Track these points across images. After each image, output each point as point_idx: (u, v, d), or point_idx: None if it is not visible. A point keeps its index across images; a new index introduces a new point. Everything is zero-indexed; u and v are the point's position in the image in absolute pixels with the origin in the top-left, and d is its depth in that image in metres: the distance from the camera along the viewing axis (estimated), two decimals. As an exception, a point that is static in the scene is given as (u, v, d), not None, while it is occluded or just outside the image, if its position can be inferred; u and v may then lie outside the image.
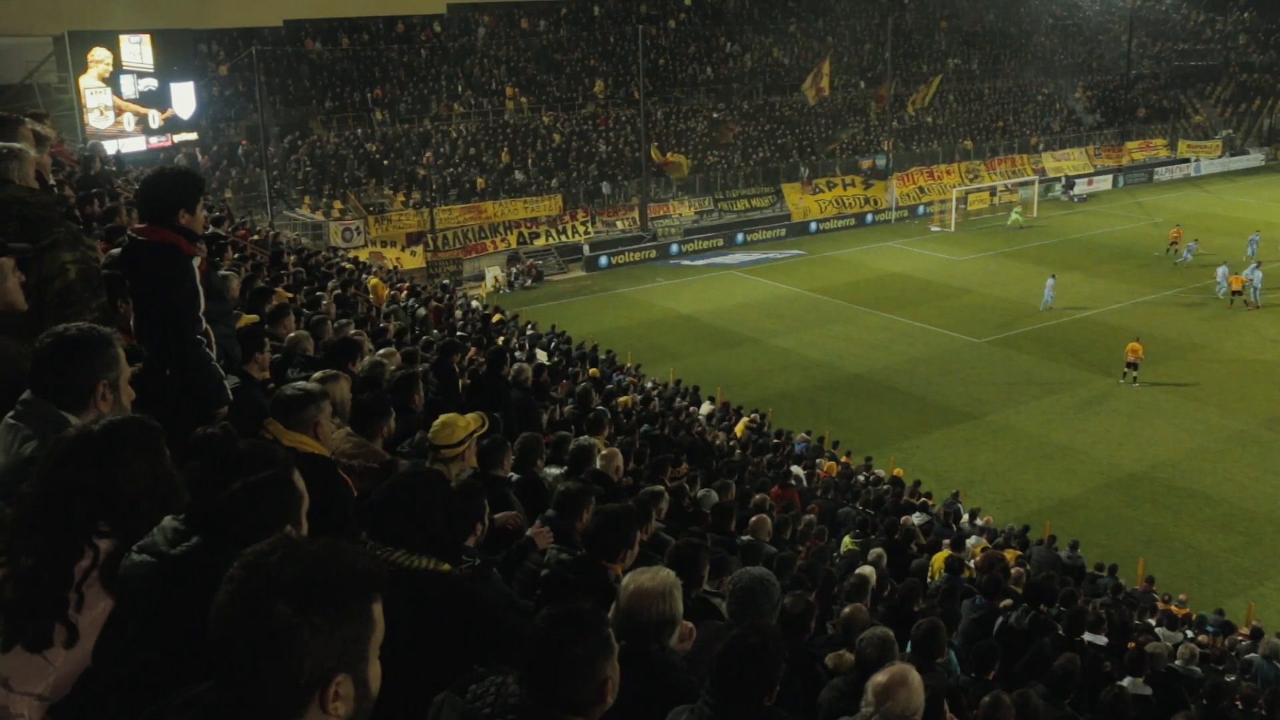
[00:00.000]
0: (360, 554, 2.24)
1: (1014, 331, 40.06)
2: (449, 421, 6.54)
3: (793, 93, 69.87)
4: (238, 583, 2.10)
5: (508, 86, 61.73)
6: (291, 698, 2.07)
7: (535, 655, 3.33)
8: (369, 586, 2.18)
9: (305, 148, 53.69)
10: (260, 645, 2.04)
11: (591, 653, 3.32)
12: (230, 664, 2.09)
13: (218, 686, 2.14)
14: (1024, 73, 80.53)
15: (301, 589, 2.07)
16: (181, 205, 5.75)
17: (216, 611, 2.10)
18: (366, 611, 2.17)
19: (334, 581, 2.12)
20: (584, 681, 3.31)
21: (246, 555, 2.15)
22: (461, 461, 6.59)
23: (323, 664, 2.08)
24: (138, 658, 2.94)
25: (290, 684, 2.06)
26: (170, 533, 3.16)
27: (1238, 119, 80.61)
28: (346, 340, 8.50)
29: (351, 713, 2.15)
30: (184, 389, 5.77)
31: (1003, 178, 68.00)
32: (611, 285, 49.99)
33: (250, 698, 2.08)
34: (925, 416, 32.55)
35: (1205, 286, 44.70)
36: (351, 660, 2.13)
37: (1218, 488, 27.42)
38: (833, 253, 55.05)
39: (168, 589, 2.98)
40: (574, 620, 3.38)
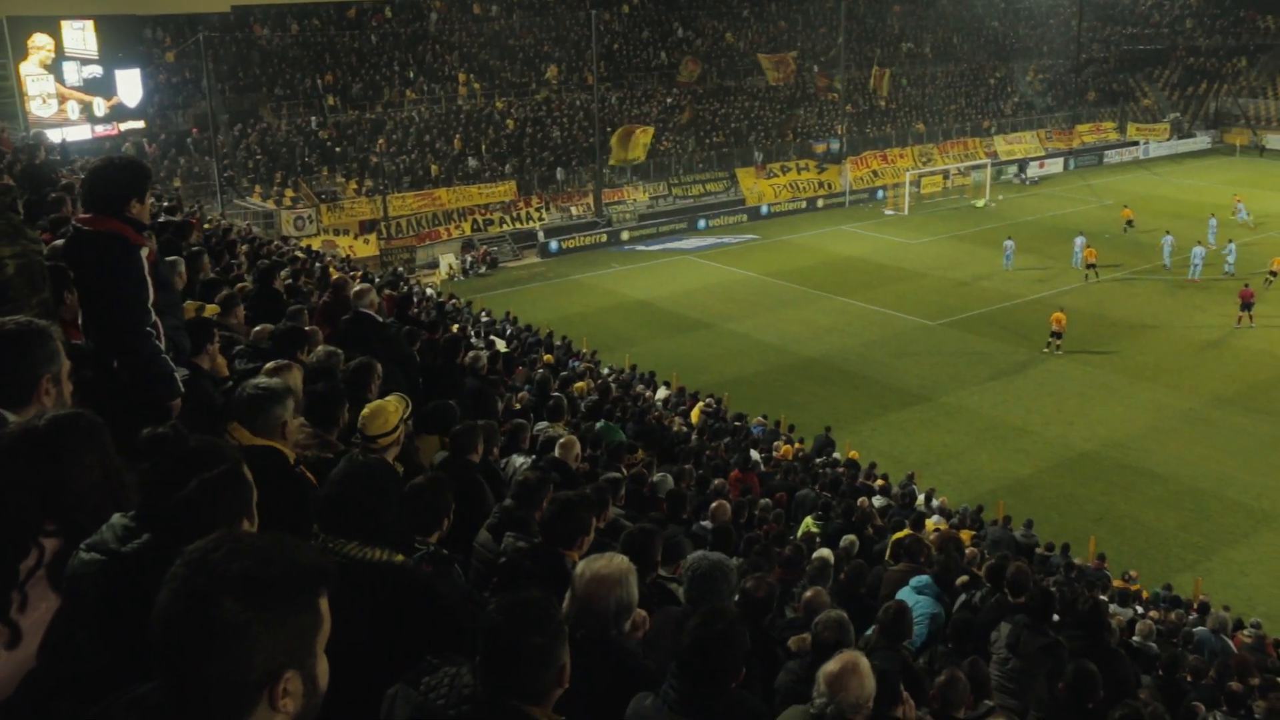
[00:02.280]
0: (307, 548, 2.20)
1: (967, 314, 40.37)
2: (378, 410, 6.43)
3: (746, 77, 69.95)
4: (182, 580, 2.04)
5: (460, 72, 61.31)
6: (240, 696, 2.03)
7: (490, 646, 3.32)
8: (317, 581, 2.14)
9: (255, 135, 53.12)
10: (208, 643, 1.99)
11: (547, 641, 3.33)
12: (176, 663, 2.03)
13: (163, 686, 2.08)
14: (976, 56, 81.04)
15: (249, 585, 2.02)
16: (132, 195, 5.66)
17: (160, 610, 2.04)
18: (315, 606, 2.13)
19: (282, 577, 2.07)
20: (541, 670, 3.32)
21: (190, 552, 2.09)
22: (397, 447, 6.52)
23: (272, 661, 2.03)
24: (86, 658, 2.89)
25: (239, 682, 2.02)
26: (120, 530, 3.10)
27: (1185, 102, 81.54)
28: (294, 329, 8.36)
29: (300, 709, 2.10)
30: (134, 382, 5.69)
31: (955, 161, 68.44)
32: (567, 271, 49.89)
33: (198, 697, 2.03)
34: (880, 399, 32.76)
35: (1155, 266, 45.24)
36: (300, 656, 2.09)
37: (1166, 466, 27.82)
38: (787, 237, 55.21)
39: (118, 587, 2.92)
40: (528, 610, 3.37)
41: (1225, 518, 25.22)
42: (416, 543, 4.99)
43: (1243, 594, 21.66)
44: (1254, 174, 67.59)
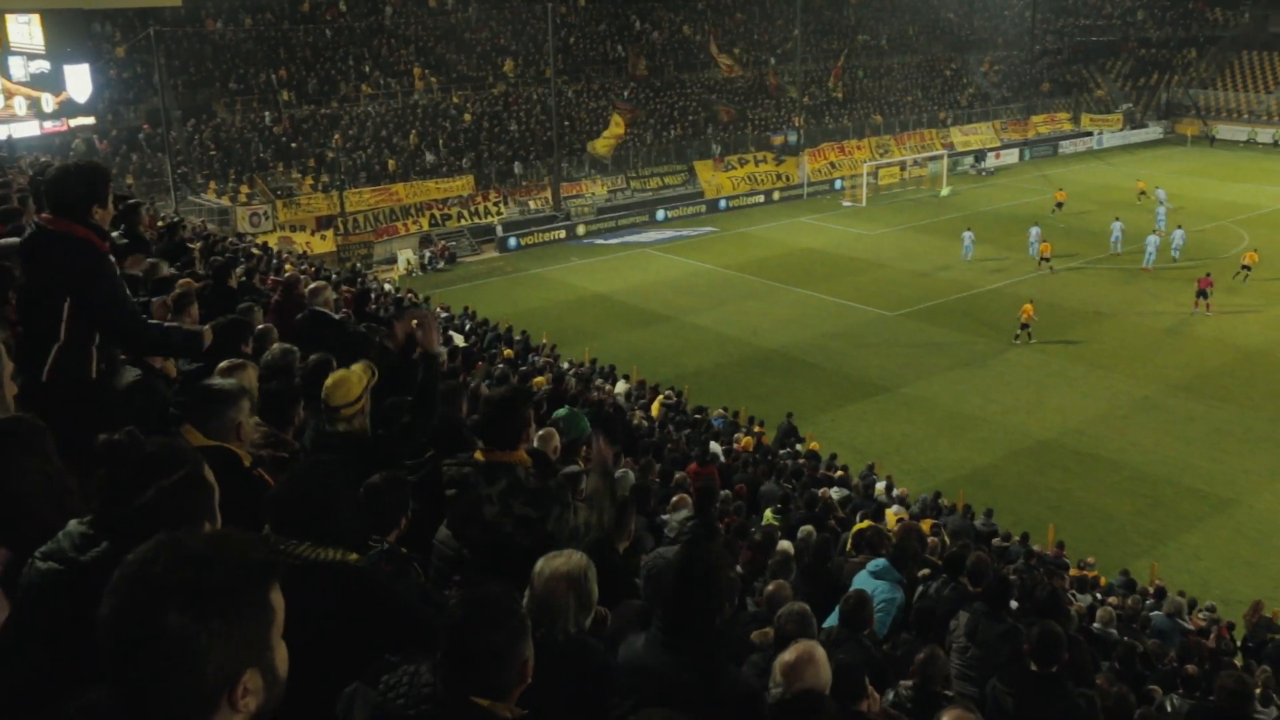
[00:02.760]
0: (250, 542, 2.13)
1: (926, 304, 40.61)
2: (342, 379, 6.29)
3: (703, 70, 69.99)
4: (121, 595, 1.96)
5: (416, 67, 60.93)
6: (198, 705, 1.97)
7: (453, 643, 3.30)
8: (264, 576, 2.07)
9: (209, 131, 52.57)
10: (157, 659, 1.93)
11: (510, 637, 3.32)
12: (126, 677, 1.97)
13: (115, 697, 2.01)
14: (931, 48, 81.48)
15: (193, 594, 1.94)
16: (94, 201, 5.56)
17: (104, 626, 1.97)
18: (265, 602, 2.06)
19: (227, 580, 1.99)
20: (505, 666, 3.31)
21: (127, 564, 2.00)
22: (362, 417, 6.43)
23: (226, 666, 1.97)
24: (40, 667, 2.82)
25: (193, 692, 1.96)
26: (77, 538, 3.03)
27: (1137, 93, 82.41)
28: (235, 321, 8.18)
29: (262, 703, 2.05)
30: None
31: (912, 152, 68.78)
32: (526, 266, 49.73)
33: (154, 709, 1.96)
34: (840, 390, 32.89)
35: (1111, 255, 45.69)
36: (256, 654, 2.03)
37: (1123, 453, 28.13)
38: (746, 229, 55.30)
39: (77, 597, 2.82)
40: (490, 605, 3.36)
41: (1180, 504, 25.53)
42: (372, 541, 4.93)
43: (1197, 578, 21.94)
44: (1205, 164, 68.47)
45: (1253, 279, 41.35)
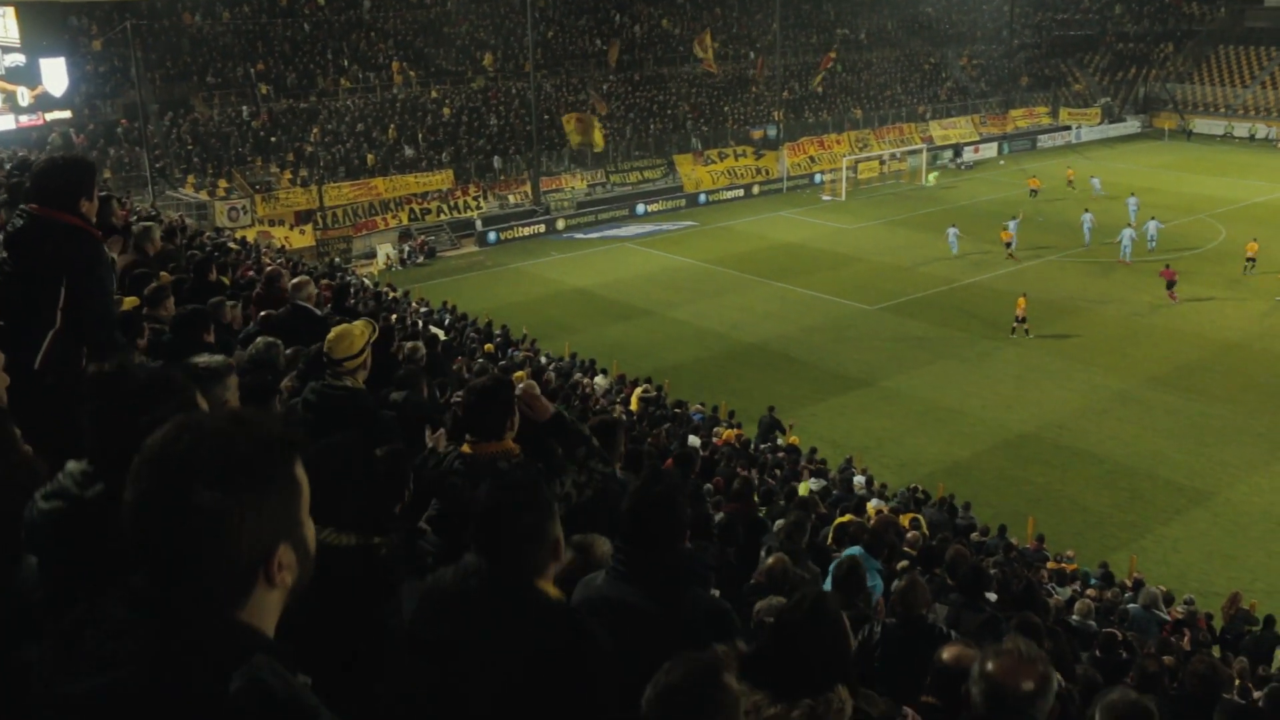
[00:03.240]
0: (270, 419, 2.18)
1: (905, 298, 40.70)
2: (344, 333, 6.35)
3: (683, 64, 69.93)
4: (148, 477, 1.94)
5: (395, 61, 60.67)
6: (235, 581, 1.97)
7: (487, 528, 3.41)
8: (288, 449, 2.05)
9: (187, 125, 52.25)
10: (190, 537, 1.91)
11: (539, 516, 3.46)
12: (161, 561, 1.95)
13: (152, 582, 1.98)
14: (910, 42, 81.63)
15: (221, 469, 1.93)
16: (82, 193, 5.55)
17: (132, 510, 1.95)
18: (291, 476, 2.05)
19: (253, 454, 1.97)
20: (538, 546, 3.44)
21: (149, 447, 1.98)
22: (364, 371, 6.47)
23: (260, 540, 1.97)
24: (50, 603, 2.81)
25: (230, 569, 1.95)
26: (79, 475, 3.01)
27: (1115, 87, 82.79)
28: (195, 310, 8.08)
29: (297, 578, 2.06)
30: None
31: (892, 146, 68.93)
32: (505, 260, 49.63)
33: (190, 590, 1.95)
34: (820, 384, 32.94)
35: (1092, 250, 45.87)
36: (288, 528, 2.03)
37: (1102, 446, 28.25)
38: (725, 223, 55.32)
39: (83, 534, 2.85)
40: (517, 488, 3.51)
41: (1158, 496, 25.66)
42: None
43: (1175, 570, 22.06)
44: (1182, 158, 68.84)
45: (1230, 272, 41.62)
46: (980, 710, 3.64)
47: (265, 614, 2.04)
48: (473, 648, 3.33)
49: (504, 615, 3.34)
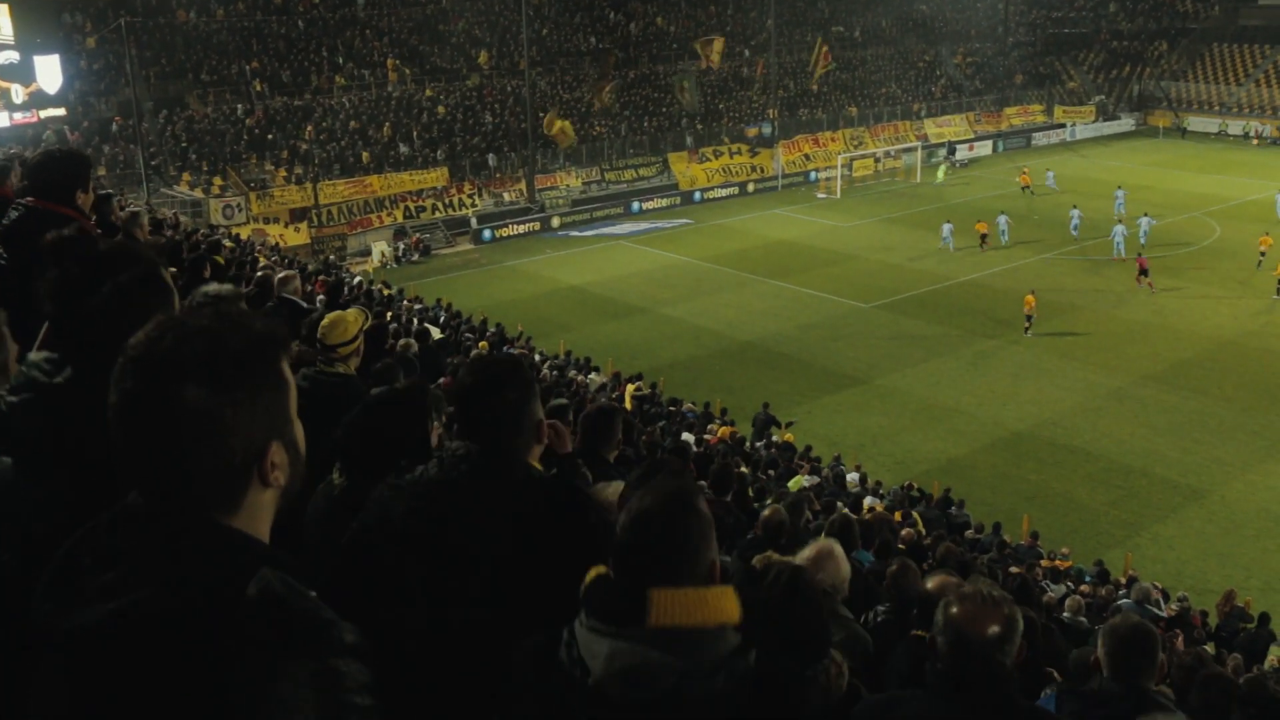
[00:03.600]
0: (253, 315, 2.04)
1: (900, 296, 40.69)
2: (338, 319, 6.34)
3: (678, 61, 69.87)
4: (133, 376, 1.87)
5: (390, 58, 60.58)
6: (229, 483, 1.91)
7: (470, 409, 3.33)
8: (275, 346, 2.00)
9: (181, 123, 52.13)
10: (181, 437, 1.85)
11: (520, 395, 3.35)
12: (150, 468, 1.88)
13: (142, 493, 1.92)
14: (904, 40, 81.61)
15: (208, 366, 1.86)
16: (77, 186, 5.56)
17: (118, 415, 1.88)
18: (279, 373, 1.99)
19: (240, 350, 1.92)
20: (522, 424, 3.34)
21: (132, 346, 1.91)
22: (356, 358, 6.46)
23: (252, 439, 1.91)
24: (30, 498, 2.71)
25: (223, 470, 1.89)
26: (44, 364, 2.89)
27: (1109, 85, 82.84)
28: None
29: (289, 477, 2.01)
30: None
31: (887, 144, 68.95)
32: (500, 258, 49.59)
33: (183, 497, 1.89)
34: (815, 382, 32.92)
35: (1083, 246, 45.91)
36: (278, 426, 1.97)
37: (1096, 443, 28.26)
38: (721, 221, 55.31)
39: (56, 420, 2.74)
40: (497, 366, 3.43)
41: (1153, 494, 25.67)
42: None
43: (1170, 568, 22.08)
44: (1176, 155, 68.90)
45: (1226, 270, 41.66)
46: (946, 659, 3.58)
47: (260, 517, 1.99)
48: (468, 534, 3.23)
49: (497, 496, 3.22)
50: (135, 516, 1.93)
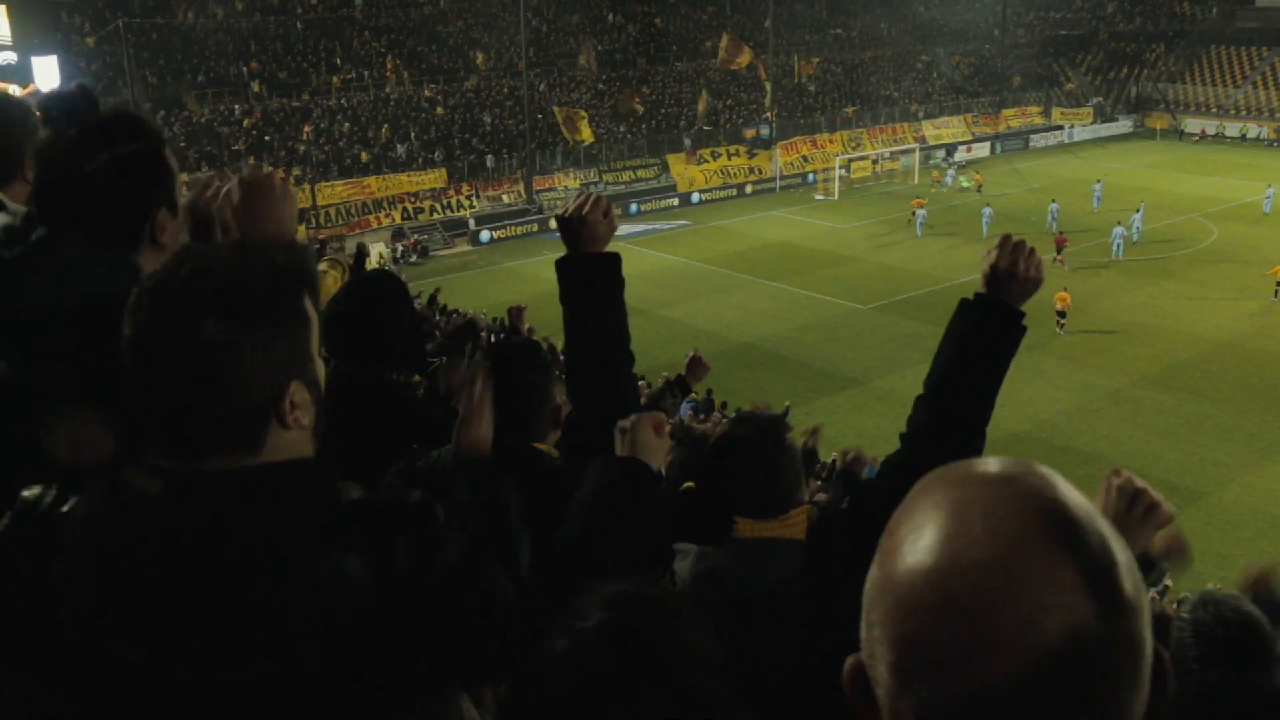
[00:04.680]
0: (277, 249, 1.98)
1: (898, 297, 40.71)
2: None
3: (676, 62, 69.91)
4: (150, 309, 1.80)
5: (388, 59, 60.61)
6: (247, 420, 1.84)
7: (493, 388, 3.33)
8: (298, 282, 1.92)
9: (179, 123, 52.13)
10: (199, 374, 1.79)
11: (541, 379, 3.38)
12: (167, 408, 1.82)
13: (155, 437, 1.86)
14: (902, 41, 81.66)
15: (229, 300, 1.80)
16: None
17: (135, 348, 1.81)
18: (301, 309, 1.91)
19: (262, 284, 1.85)
20: (539, 407, 3.34)
21: (150, 278, 1.84)
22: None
23: (272, 378, 1.84)
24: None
25: (242, 406, 1.83)
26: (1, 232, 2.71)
27: (1107, 87, 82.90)
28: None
29: (312, 418, 1.93)
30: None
31: (885, 146, 68.97)
32: (499, 259, 49.59)
33: (203, 430, 1.82)
34: (813, 383, 32.94)
35: (1081, 249, 45.92)
36: (298, 364, 1.90)
37: (1094, 445, 28.29)
38: (719, 222, 55.31)
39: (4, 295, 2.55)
40: (519, 350, 3.50)
41: (1150, 495, 25.66)
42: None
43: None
44: (1174, 157, 68.91)
45: (1223, 272, 41.71)
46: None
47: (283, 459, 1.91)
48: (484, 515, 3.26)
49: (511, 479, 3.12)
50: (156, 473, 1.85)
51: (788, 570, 2.93)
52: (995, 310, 3.29)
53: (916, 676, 1.06)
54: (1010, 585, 1.03)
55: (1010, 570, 1.03)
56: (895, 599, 1.09)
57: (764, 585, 2.87)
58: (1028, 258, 3.20)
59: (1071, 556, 1.05)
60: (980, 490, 1.13)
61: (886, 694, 1.09)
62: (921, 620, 1.06)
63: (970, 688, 1.02)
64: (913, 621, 1.06)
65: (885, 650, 1.09)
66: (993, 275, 3.23)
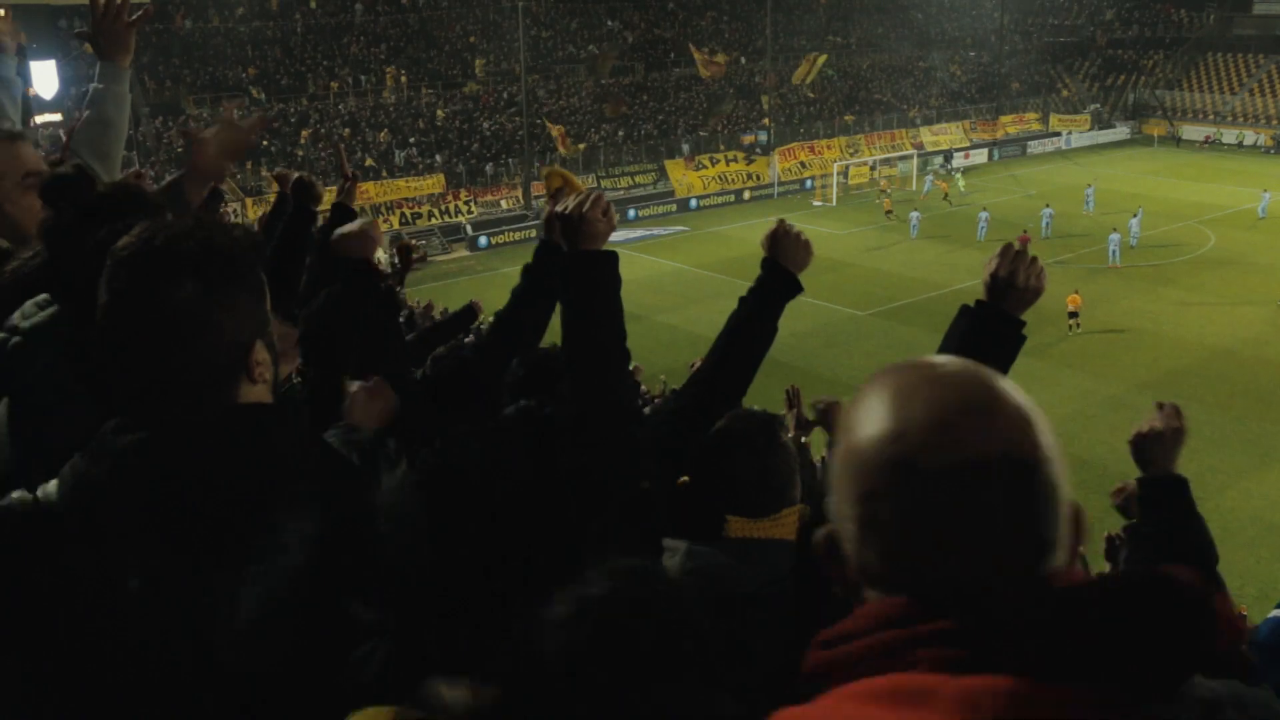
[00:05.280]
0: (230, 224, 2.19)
1: (896, 304, 40.76)
2: None
3: (673, 69, 69.98)
4: (127, 273, 1.93)
5: (387, 65, 60.67)
6: (221, 375, 1.99)
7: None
8: (255, 249, 2.10)
9: (178, 128, 52.15)
10: (176, 331, 1.92)
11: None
12: (147, 366, 1.95)
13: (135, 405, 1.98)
14: (900, 48, 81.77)
15: (200, 263, 1.94)
16: None
17: (109, 315, 1.94)
18: (259, 275, 2.08)
19: (228, 250, 1.99)
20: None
21: (121, 248, 1.96)
22: None
23: (241, 336, 1.99)
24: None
25: (216, 362, 1.97)
26: (29, 309, 2.84)
27: (1104, 93, 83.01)
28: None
29: (272, 375, 2.09)
30: None
31: (882, 152, 68.99)
32: (496, 265, 49.57)
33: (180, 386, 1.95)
34: (810, 390, 32.49)
35: (1079, 254, 45.99)
36: (260, 325, 2.05)
37: (1091, 451, 28.26)
38: (716, 228, 55.34)
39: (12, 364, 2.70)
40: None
41: (1148, 501, 25.68)
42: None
43: (1165, 575, 22.09)
44: (1171, 164, 68.97)
45: (1221, 278, 41.76)
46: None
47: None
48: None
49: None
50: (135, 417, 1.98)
51: (777, 571, 2.95)
52: (994, 317, 3.35)
53: (878, 522, 1.28)
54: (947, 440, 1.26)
55: (951, 425, 1.27)
56: (858, 462, 1.31)
57: (752, 586, 2.90)
58: (1028, 267, 3.28)
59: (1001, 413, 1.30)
60: (919, 373, 1.39)
61: (854, 544, 1.32)
62: (881, 475, 1.28)
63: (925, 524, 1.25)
64: (873, 477, 1.28)
65: (850, 507, 1.31)
66: (993, 283, 3.31)
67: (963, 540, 1.24)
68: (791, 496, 3.24)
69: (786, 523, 3.14)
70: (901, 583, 1.26)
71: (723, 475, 3.18)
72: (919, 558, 1.26)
